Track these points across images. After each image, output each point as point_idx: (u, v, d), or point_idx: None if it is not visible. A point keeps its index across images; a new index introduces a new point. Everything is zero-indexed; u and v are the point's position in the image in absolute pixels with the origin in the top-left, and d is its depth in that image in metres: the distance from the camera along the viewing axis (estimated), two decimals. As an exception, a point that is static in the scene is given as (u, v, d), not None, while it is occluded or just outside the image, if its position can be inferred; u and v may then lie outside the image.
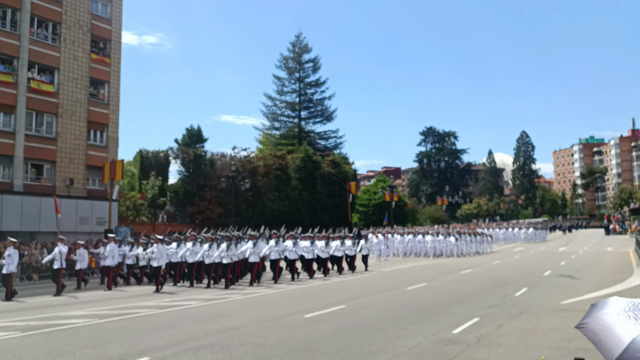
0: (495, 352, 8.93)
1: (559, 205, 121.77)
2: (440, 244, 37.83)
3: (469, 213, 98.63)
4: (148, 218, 44.43)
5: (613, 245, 45.52)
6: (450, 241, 37.89)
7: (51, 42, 34.05)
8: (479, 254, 39.92)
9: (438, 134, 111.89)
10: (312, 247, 23.18)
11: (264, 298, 16.57)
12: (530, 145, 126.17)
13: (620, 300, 3.39)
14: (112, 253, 20.77)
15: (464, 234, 40.13)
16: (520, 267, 27.27)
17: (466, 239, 39.24)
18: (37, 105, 32.80)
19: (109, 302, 16.15)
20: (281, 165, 50.91)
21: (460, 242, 38.44)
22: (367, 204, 66.57)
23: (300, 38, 71.94)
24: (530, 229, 62.07)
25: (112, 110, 37.03)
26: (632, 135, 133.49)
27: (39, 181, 32.94)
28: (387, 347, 9.28)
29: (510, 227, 63.96)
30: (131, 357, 8.62)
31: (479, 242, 41.46)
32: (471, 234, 41.11)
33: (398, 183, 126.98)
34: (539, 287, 18.37)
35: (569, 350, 8.66)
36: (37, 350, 9.24)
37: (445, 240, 37.99)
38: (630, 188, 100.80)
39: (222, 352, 8.92)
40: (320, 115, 71.83)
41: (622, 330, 3.06)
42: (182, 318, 12.66)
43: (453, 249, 37.76)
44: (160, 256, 19.62)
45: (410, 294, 16.84)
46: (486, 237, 43.50)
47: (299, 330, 10.82)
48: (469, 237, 39.82)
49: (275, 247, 21.49)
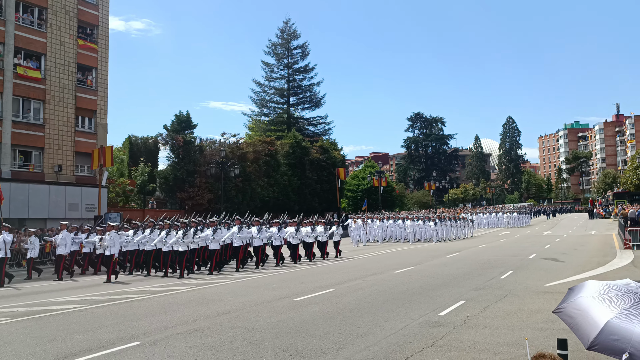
0: (481, 333, 9.14)
1: (544, 189, 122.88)
2: (419, 228, 37.23)
3: (455, 198, 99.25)
4: (138, 204, 44.23)
5: (597, 228, 46.12)
6: (430, 226, 37.41)
7: (37, 27, 33.56)
8: (460, 238, 39.66)
9: (425, 120, 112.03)
10: (280, 234, 22.58)
11: (254, 282, 16.70)
12: (516, 131, 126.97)
13: (596, 283, 3.48)
14: (64, 241, 19.42)
15: (444, 218, 39.65)
16: (505, 250, 27.60)
17: (446, 224, 38.80)
18: (24, 91, 32.42)
19: (99, 288, 16.20)
20: (270, 151, 50.79)
21: (440, 226, 37.99)
22: (356, 189, 66.67)
23: (288, 24, 71.44)
24: (514, 214, 61.69)
25: (100, 96, 36.69)
26: (616, 121, 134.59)
27: (27, 168, 32.68)
28: (375, 329, 9.46)
29: (494, 211, 63.53)
30: (122, 342, 8.72)
31: (460, 226, 41.08)
32: (451, 218, 40.68)
33: (386, 168, 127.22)
34: (524, 270, 18.66)
35: (552, 331, 8.89)
36: (28, 336, 9.31)
37: (425, 225, 37.48)
38: (614, 172, 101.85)
39: (212, 336, 9.05)
40: (309, 101, 71.60)
41: (597, 313, 3.14)
42: (172, 303, 12.76)
43: (432, 233, 37.25)
44: (113, 244, 18.63)
45: (398, 277, 17.04)
46: (467, 222, 43.14)
47: (289, 314, 10.98)
48: (449, 222, 39.37)
49: (238, 234, 20.51)
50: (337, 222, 27.12)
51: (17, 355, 8.00)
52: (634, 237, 26.22)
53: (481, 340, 8.61)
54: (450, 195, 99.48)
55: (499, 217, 60.36)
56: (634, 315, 3.07)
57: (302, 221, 24.61)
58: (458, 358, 7.67)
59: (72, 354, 8.06)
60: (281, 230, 22.92)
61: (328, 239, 25.03)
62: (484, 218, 59.74)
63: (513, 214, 61.86)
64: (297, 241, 23.11)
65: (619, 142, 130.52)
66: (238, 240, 20.71)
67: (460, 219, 41.87)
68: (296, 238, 23.10)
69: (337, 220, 26.90)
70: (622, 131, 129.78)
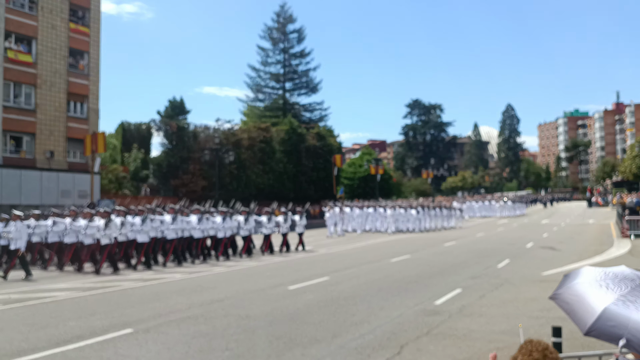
0: (477, 321, 9.08)
1: (542, 178, 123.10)
2: (401, 218, 35.19)
3: (454, 186, 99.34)
4: (131, 191, 44.11)
5: (595, 217, 46.21)
6: (412, 215, 35.42)
7: (28, 10, 33.16)
8: (446, 228, 37.88)
9: (424, 107, 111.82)
10: (224, 224, 19.68)
11: (249, 270, 16.62)
12: (515, 119, 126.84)
13: (592, 269, 3.42)
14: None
15: (427, 207, 37.76)
16: (503, 239, 27.62)
17: (429, 213, 36.87)
18: (14, 75, 32.09)
19: (92, 275, 16.08)
20: (265, 138, 50.58)
21: (423, 215, 36.15)
22: (353, 177, 66.57)
23: (284, 8, 70.83)
24: (508, 202, 59.57)
25: (92, 81, 36.38)
26: (616, 109, 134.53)
27: (18, 154, 32.45)
28: (370, 317, 9.38)
29: (487, 200, 61.38)
30: (115, 329, 8.62)
31: (446, 216, 39.18)
32: (436, 207, 38.83)
33: (383, 156, 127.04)
34: (521, 258, 18.65)
35: (548, 320, 8.82)
36: (20, 323, 9.20)
37: (406, 213, 35.39)
38: (613, 161, 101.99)
39: (205, 324, 8.96)
40: (305, 86, 71.18)
41: (595, 299, 3.10)
42: (165, 291, 12.67)
43: (414, 223, 35.36)
44: (19, 236, 15.84)
45: (394, 265, 16.99)
46: (454, 211, 41.24)
47: (283, 302, 10.90)
48: (433, 211, 37.49)
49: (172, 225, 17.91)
50: (301, 212, 24.38)
51: (10, 342, 7.91)
52: (631, 226, 26.23)
53: (476, 329, 8.55)
54: (448, 184, 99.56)
55: (492, 205, 58.27)
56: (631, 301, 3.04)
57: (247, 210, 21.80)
58: (453, 346, 7.60)
59: (65, 340, 7.97)
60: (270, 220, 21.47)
61: (288, 230, 22.57)
62: (476, 207, 57.91)
63: (507, 202, 59.84)
64: (246, 232, 20.45)
65: (619, 130, 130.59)
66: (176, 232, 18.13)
67: (446, 208, 40.18)
68: (245, 229, 20.44)
69: (301, 210, 24.31)
70: (621, 119, 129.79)
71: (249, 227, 20.66)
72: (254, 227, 21.15)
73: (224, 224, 19.51)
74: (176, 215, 18.11)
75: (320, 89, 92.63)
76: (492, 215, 56.19)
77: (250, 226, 20.75)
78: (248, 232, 20.58)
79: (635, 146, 63.63)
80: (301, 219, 23.61)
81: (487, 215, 56.33)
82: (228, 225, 19.65)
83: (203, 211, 19.38)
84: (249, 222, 20.71)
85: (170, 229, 17.80)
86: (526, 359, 2.66)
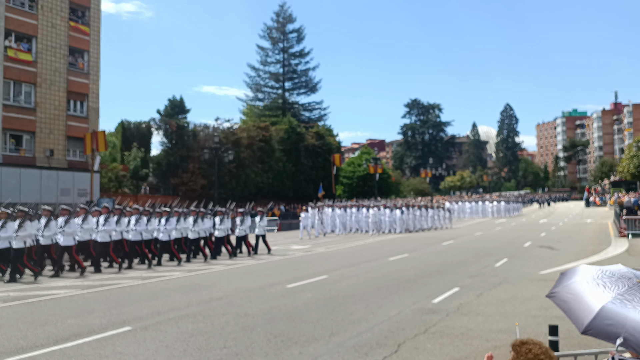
0: (474, 320, 9.10)
1: (541, 177, 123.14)
2: (385, 218, 33.51)
3: (452, 185, 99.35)
4: (130, 189, 44.09)
5: (593, 217, 46.25)
6: (396, 215, 33.65)
7: (28, 9, 33.15)
8: (435, 229, 36.42)
9: (422, 106, 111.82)
10: (167, 226, 18.21)
11: (247, 269, 16.65)
12: (514, 118, 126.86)
13: (589, 268, 3.43)
14: None
15: (413, 207, 35.83)
16: (501, 238, 27.65)
17: (415, 213, 35.07)
18: (15, 74, 32.08)
19: (91, 274, 16.08)
20: (265, 137, 50.57)
21: (408, 216, 34.28)
22: (352, 176, 66.57)
23: (284, 8, 70.85)
24: (502, 203, 57.00)
25: (92, 80, 36.37)
26: (614, 109, 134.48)
27: (18, 152, 32.44)
28: (368, 316, 9.41)
29: (480, 200, 58.52)
30: (113, 327, 8.63)
31: (433, 216, 37.49)
32: (422, 207, 36.90)
33: (382, 155, 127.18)
34: (519, 257, 18.68)
35: (545, 318, 8.84)
36: (19, 321, 9.21)
37: (391, 214, 33.66)
38: (611, 161, 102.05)
39: (204, 322, 8.98)
40: (305, 86, 71.23)
41: (592, 298, 3.10)
42: (164, 289, 12.68)
43: (398, 223, 33.54)
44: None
45: (393, 264, 17.02)
46: (443, 212, 39.56)
47: (281, 300, 10.91)
48: (419, 211, 35.66)
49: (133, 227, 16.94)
50: (262, 212, 22.27)
51: (8, 340, 7.91)
52: (629, 226, 26.28)
53: (474, 327, 8.57)
54: (446, 183, 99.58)
55: (485, 206, 55.63)
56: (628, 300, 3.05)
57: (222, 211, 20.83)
58: (450, 344, 7.63)
59: (63, 338, 7.97)
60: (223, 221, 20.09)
61: (246, 232, 20.91)
62: (467, 207, 55.51)
63: (500, 202, 57.11)
64: (195, 235, 18.97)
65: (617, 130, 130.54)
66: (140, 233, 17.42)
67: (433, 208, 38.55)
68: (194, 231, 18.92)
69: (262, 210, 22.55)
70: (619, 119, 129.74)
71: (224, 227, 19.76)
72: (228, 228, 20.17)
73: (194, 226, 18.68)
74: (140, 216, 17.14)
75: (320, 89, 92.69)
76: (484, 216, 54.18)
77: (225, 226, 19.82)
78: (224, 232, 19.80)
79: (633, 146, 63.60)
80: (261, 219, 21.53)
81: (479, 216, 54.30)
82: (199, 228, 18.82)
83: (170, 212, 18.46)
84: (224, 223, 19.83)
85: (132, 231, 16.98)
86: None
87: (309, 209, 31.81)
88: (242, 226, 20.42)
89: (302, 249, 23.19)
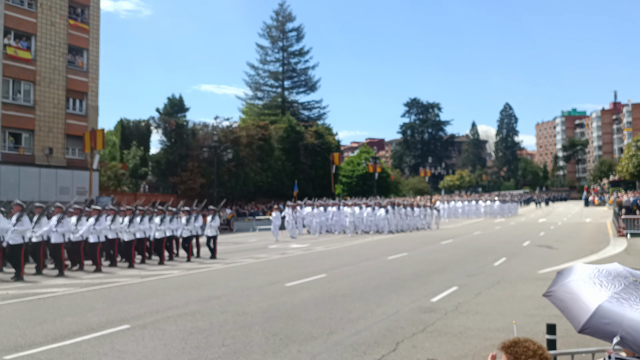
0: (472, 319, 9.12)
1: (540, 177, 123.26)
2: (369, 217, 32.00)
3: (451, 184, 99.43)
4: (130, 188, 44.10)
5: (592, 216, 46.32)
6: (380, 215, 32.10)
7: (27, 7, 33.09)
8: (419, 229, 35.19)
9: (422, 106, 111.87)
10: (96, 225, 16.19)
11: (246, 268, 16.66)
12: (513, 118, 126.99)
13: (586, 267, 3.43)
14: None
15: (399, 205, 34.35)
16: (500, 237, 27.69)
17: (400, 212, 33.55)
18: (14, 72, 32.04)
19: (90, 272, 16.09)
20: (264, 136, 50.58)
21: (393, 215, 32.72)
22: (351, 175, 66.63)
23: (284, 6, 70.88)
24: (496, 202, 54.94)
25: (91, 78, 36.33)
26: (613, 108, 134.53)
27: (17, 150, 32.42)
28: (366, 314, 9.42)
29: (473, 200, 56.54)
30: (112, 325, 8.64)
31: (420, 216, 36.23)
32: (407, 206, 35.46)
33: (382, 154, 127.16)
34: (518, 256, 18.70)
35: (543, 317, 8.86)
36: (18, 319, 9.22)
37: (373, 213, 32.16)
38: (610, 160, 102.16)
39: (202, 320, 8.99)
40: (304, 85, 71.28)
41: (589, 297, 3.10)
42: (163, 287, 12.69)
43: (384, 223, 31.95)
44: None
45: (391, 263, 17.04)
46: (430, 211, 38.26)
47: (280, 299, 10.93)
48: (404, 210, 34.17)
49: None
50: (214, 211, 20.20)
51: (7, 338, 7.92)
52: (628, 225, 26.33)
53: (472, 326, 8.59)
54: (445, 182, 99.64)
55: (478, 206, 53.39)
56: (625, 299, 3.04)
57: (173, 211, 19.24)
58: (448, 343, 7.64)
59: (62, 336, 7.98)
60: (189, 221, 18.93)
61: (194, 233, 19.37)
62: (459, 207, 53.12)
63: (494, 202, 55.01)
64: (130, 237, 17.22)
65: (616, 130, 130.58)
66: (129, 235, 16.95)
67: (420, 207, 37.19)
68: (130, 232, 17.23)
69: (214, 209, 20.49)
70: (619, 119, 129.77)
71: (164, 228, 17.99)
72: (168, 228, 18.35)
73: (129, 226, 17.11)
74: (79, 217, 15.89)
75: (319, 87, 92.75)
76: (478, 217, 51.93)
77: (165, 227, 18.03)
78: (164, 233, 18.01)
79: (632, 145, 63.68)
80: (213, 219, 19.63)
81: (471, 217, 52.08)
82: (135, 228, 17.31)
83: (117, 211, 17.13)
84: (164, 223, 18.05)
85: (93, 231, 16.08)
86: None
87: (286, 209, 30.41)
88: (188, 226, 18.76)
89: (301, 247, 23.20)
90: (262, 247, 23.53)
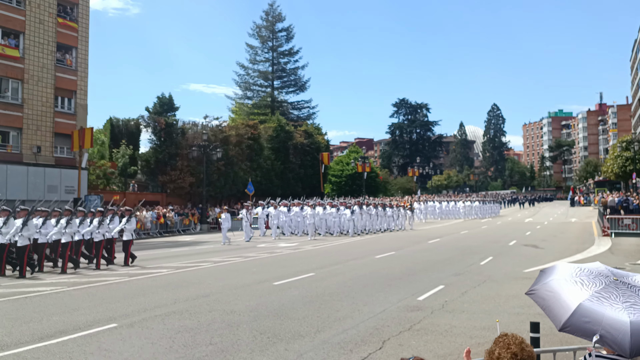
0: (458, 317, 9.22)
1: (527, 177, 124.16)
2: (332, 218, 30.58)
3: (439, 184, 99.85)
4: (119, 187, 43.83)
5: (577, 216, 46.73)
6: (345, 215, 30.61)
7: (16, 5, 32.80)
8: (391, 230, 33.97)
9: (410, 106, 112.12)
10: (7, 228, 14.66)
11: (235, 266, 16.66)
12: (500, 118, 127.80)
13: (568, 266, 3.49)
14: None
15: (367, 205, 32.89)
16: (487, 237, 27.87)
17: (370, 213, 32.06)
18: (2, 70, 31.73)
19: (77, 270, 16.01)
20: (253, 135, 50.48)
21: (361, 216, 31.20)
22: (340, 174, 66.66)
23: (273, 6, 70.78)
24: (475, 203, 53.06)
25: (80, 76, 36.08)
26: (599, 110, 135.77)
27: (4, 148, 32.12)
28: (353, 313, 9.48)
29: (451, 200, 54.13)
30: (99, 324, 8.64)
31: (392, 216, 34.77)
32: (377, 206, 33.87)
33: (370, 154, 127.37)
34: (504, 256, 18.85)
35: (528, 316, 8.97)
36: (4, 318, 9.19)
37: (338, 214, 30.77)
38: (596, 161, 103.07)
39: (190, 319, 9.01)
40: (294, 85, 71.29)
41: (569, 295, 3.16)
42: (151, 286, 12.68)
43: (348, 225, 30.47)
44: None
45: (379, 262, 17.11)
46: (402, 212, 36.61)
47: (268, 297, 10.96)
48: (375, 211, 32.73)
49: None
50: (130, 212, 18.43)
51: (-8, 337, 7.90)
52: (612, 225, 26.62)
53: (458, 324, 8.68)
54: (433, 182, 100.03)
55: (456, 206, 51.02)
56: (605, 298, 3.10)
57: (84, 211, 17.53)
58: (434, 341, 7.73)
59: (48, 335, 7.98)
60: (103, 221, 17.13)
61: (104, 237, 17.23)
62: (437, 207, 50.78)
63: (474, 203, 52.95)
64: (43, 239, 15.77)
65: (602, 130, 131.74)
66: None
67: (390, 207, 35.34)
68: (44, 235, 15.80)
69: (130, 210, 18.76)
70: (604, 120, 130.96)
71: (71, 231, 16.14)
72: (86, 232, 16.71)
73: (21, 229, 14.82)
74: None
75: (309, 87, 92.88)
76: (455, 217, 49.83)
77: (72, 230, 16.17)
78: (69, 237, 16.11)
79: (617, 146, 64.36)
80: (129, 221, 17.94)
81: (450, 217, 49.92)
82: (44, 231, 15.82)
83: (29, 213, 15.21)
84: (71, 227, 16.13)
85: None
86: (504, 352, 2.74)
87: (243, 210, 28.75)
88: (101, 229, 17.03)
89: (289, 246, 23.23)
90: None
